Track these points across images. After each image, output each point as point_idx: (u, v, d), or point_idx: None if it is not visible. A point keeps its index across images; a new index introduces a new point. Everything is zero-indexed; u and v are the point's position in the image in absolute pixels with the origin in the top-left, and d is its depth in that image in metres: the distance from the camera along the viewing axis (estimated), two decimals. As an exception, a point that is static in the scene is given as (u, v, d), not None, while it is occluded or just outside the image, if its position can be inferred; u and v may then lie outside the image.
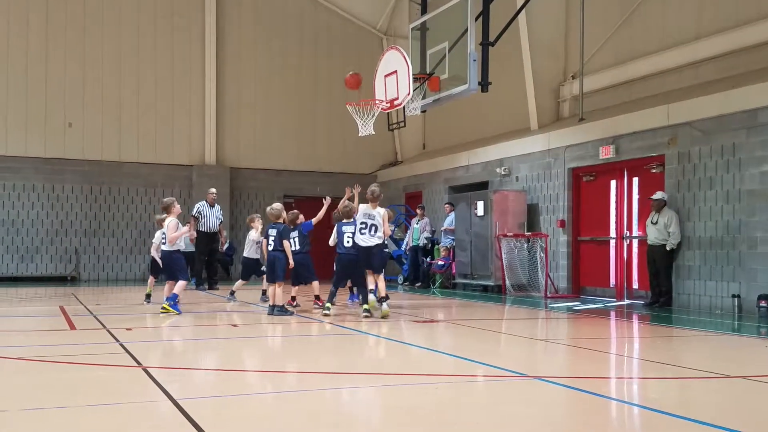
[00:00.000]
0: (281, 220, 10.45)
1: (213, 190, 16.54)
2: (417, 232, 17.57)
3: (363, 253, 10.20)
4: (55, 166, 19.19)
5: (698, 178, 11.93)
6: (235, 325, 9.30)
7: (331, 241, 10.70)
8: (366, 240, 10.18)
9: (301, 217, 11.70)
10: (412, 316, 10.81)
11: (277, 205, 10.59)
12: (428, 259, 17.45)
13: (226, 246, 19.78)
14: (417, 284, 17.33)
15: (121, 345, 7.22)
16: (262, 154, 21.31)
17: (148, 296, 11.77)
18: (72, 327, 8.83)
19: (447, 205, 17.41)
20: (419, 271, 17.53)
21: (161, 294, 11.47)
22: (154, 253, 11.76)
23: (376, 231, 10.13)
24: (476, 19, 11.41)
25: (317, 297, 11.36)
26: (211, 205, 16.06)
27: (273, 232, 10.34)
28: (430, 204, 19.43)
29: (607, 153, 13.66)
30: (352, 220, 10.36)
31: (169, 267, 10.46)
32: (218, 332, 8.89)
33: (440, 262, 17.07)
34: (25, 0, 18.96)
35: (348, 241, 10.19)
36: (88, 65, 19.50)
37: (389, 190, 21.87)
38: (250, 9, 21.14)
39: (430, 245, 17.64)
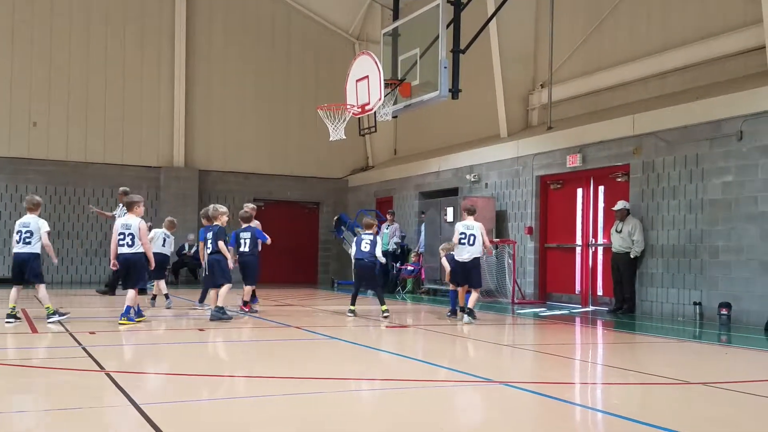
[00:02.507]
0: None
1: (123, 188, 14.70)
2: (387, 237, 17.59)
3: (460, 267, 10.64)
4: (19, 165, 18.85)
5: (662, 188, 12.15)
6: (201, 330, 9.22)
7: (352, 252, 11.32)
8: (465, 252, 10.45)
9: (257, 222, 11.69)
10: (380, 321, 10.82)
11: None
12: (398, 265, 17.48)
13: (194, 249, 19.64)
14: (384, 288, 17.35)
15: (84, 349, 7.12)
16: (232, 156, 21.18)
17: (154, 297, 11.91)
18: (34, 330, 8.68)
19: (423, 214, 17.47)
20: (389, 277, 17.55)
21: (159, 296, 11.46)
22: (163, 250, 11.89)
23: (474, 241, 10.43)
24: (447, 26, 11.49)
25: (245, 303, 11.16)
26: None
27: (210, 234, 10.23)
28: (401, 209, 19.48)
29: (573, 161, 13.84)
30: (370, 232, 11.05)
31: (131, 272, 9.27)
32: (183, 336, 8.80)
33: (410, 268, 17.12)
34: (-9, -4, 18.65)
35: (365, 247, 10.86)
36: (54, 64, 19.21)
37: (360, 195, 21.90)
38: (221, 11, 21.03)
39: (399, 250, 17.68)
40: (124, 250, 9.25)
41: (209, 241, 10.19)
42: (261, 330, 9.43)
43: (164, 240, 12.07)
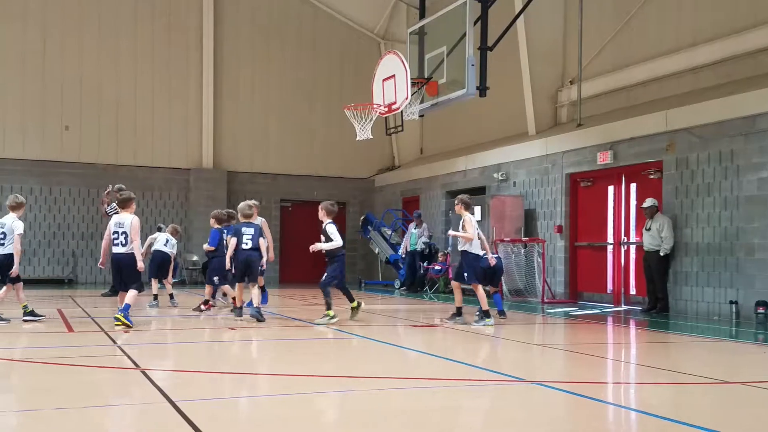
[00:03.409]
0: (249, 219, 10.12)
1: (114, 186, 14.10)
2: (415, 237, 17.57)
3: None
4: (52, 168, 19.15)
5: (696, 185, 11.95)
6: (232, 328, 9.27)
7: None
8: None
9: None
10: (408, 320, 10.80)
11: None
12: (425, 264, 17.44)
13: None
14: (403, 288, 17.43)
15: (119, 347, 7.20)
16: (260, 157, 21.30)
17: (155, 297, 11.86)
18: (70, 329, 8.79)
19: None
20: (416, 276, 17.53)
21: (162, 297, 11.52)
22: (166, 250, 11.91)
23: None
24: (475, 23, 11.44)
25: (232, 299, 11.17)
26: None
27: (250, 230, 9.97)
28: (427, 209, 19.43)
29: (604, 159, 13.68)
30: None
31: (125, 272, 8.84)
32: (215, 335, 8.86)
33: (437, 267, 17.06)
34: (23, 5, 18.95)
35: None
36: (85, 68, 19.49)
37: (386, 195, 21.89)
38: (248, 12, 21.16)
39: (427, 250, 17.64)
40: (118, 249, 8.77)
41: (247, 237, 9.94)
42: (290, 329, 9.45)
43: (167, 240, 12.11)
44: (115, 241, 8.80)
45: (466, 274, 9.94)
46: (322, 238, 9.92)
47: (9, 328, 8.88)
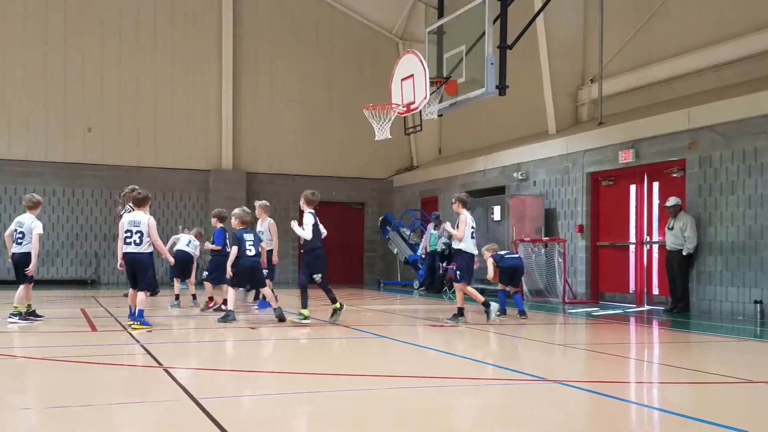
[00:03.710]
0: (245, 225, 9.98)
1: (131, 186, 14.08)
2: (434, 238, 17.53)
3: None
4: (75, 170, 19.35)
5: (720, 183, 11.81)
6: (252, 328, 9.31)
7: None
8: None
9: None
10: (427, 320, 10.78)
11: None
12: (444, 264, 17.38)
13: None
14: (422, 288, 17.41)
15: (142, 346, 7.26)
16: (278, 159, 21.38)
17: (177, 297, 11.94)
18: (93, 329, 8.88)
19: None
20: (435, 276, 17.48)
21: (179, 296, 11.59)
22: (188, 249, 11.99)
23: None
24: (494, 22, 11.39)
25: (211, 298, 11.27)
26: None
27: (250, 236, 9.85)
28: (446, 209, 19.36)
29: (626, 157, 13.56)
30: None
31: (138, 273, 8.67)
32: (237, 334, 8.90)
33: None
34: (44, 7, 19.17)
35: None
36: (105, 71, 19.68)
37: (405, 195, 21.87)
38: (266, 14, 21.25)
39: (447, 251, 17.58)
40: (131, 248, 8.58)
41: (249, 243, 9.74)
42: (311, 328, 9.47)
43: (189, 241, 12.18)
44: (128, 240, 8.58)
45: (458, 273, 9.87)
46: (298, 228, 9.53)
47: (33, 327, 8.99)
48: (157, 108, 20.16)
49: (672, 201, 12.19)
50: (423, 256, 17.94)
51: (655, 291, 13.49)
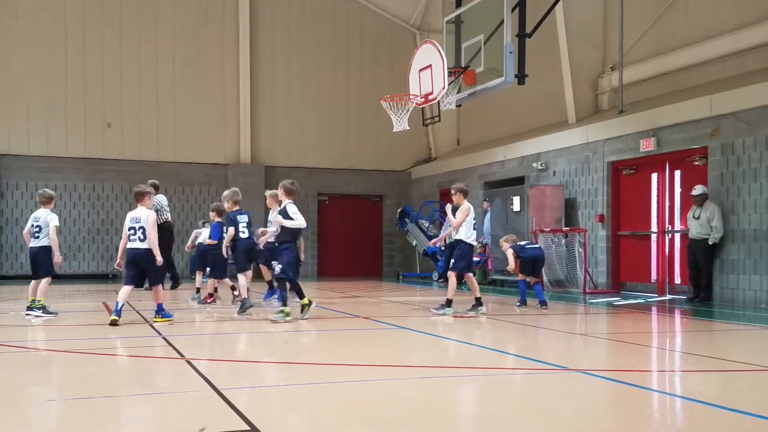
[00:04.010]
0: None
1: (151, 181, 14.02)
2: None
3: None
4: (95, 166, 19.52)
5: (742, 170, 11.65)
6: (273, 320, 9.34)
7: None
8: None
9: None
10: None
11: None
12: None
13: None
14: (441, 279, 17.28)
15: (164, 338, 7.31)
16: (296, 152, 21.41)
17: (198, 290, 11.97)
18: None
19: (484, 203, 17.22)
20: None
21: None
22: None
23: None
24: (512, 10, 11.29)
25: (211, 295, 11.12)
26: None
27: (244, 218, 9.78)
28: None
29: (647, 146, 13.42)
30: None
31: (148, 269, 8.60)
32: (257, 326, 8.94)
33: (476, 259, 16.92)
34: (63, 3, 19.31)
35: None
36: (125, 67, 19.79)
37: (423, 187, 21.82)
38: (283, 7, 21.25)
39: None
40: (136, 244, 8.45)
41: (241, 226, 9.75)
42: (330, 321, 9.49)
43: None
44: (132, 237, 8.47)
45: (453, 261, 9.75)
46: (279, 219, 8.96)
47: (56, 320, 9.08)
48: (176, 103, 20.25)
49: (699, 189, 12.04)
50: (442, 247, 17.89)
51: (677, 280, 13.36)
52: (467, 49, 12.25)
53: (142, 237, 8.46)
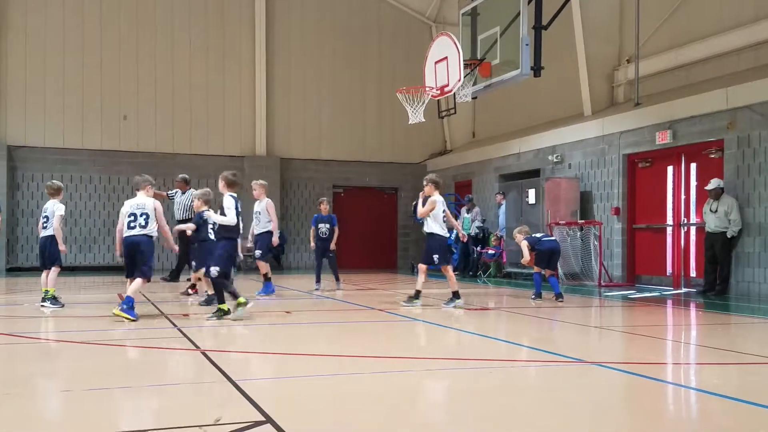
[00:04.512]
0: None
1: (182, 175, 14.06)
2: (468, 221, 17.46)
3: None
4: (111, 158, 19.64)
5: (759, 163, 11.55)
6: (288, 312, 9.39)
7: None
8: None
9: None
10: (463, 304, 10.73)
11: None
12: (479, 248, 17.33)
13: (276, 236, 19.98)
14: (470, 273, 17.27)
15: (179, 330, 7.37)
16: (312, 144, 21.45)
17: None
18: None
19: (498, 195, 17.18)
20: (469, 261, 17.43)
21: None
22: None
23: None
24: (529, 2, 11.23)
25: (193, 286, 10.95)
26: (183, 192, 13.81)
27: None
28: (480, 193, 19.27)
29: (663, 138, 13.32)
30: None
31: (139, 257, 8.33)
32: (272, 318, 8.99)
33: (490, 251, 16.93)
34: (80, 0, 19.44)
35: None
36: (141, 59, 19.90)
37: (438, 179, 21.75)
38: (299, 1, 21.25)
39: (481, 234, 17.52)
40: (135, 231, 8.20)
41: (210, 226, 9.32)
42: (345, 312, 9.52)
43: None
44: (132, 224, 8.20)
45: (436, 257, 9.65)
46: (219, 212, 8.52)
47: (70, 312, 9.17)
48: (192, 95, 20.34)
49: (713, 183, 11.94)
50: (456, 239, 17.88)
51: (693, 273, 13.28)
52: (483, 41, 12.21)
53: (144, 223, 8.25)
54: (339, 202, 21.77)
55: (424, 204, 9.91)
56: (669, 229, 13.84)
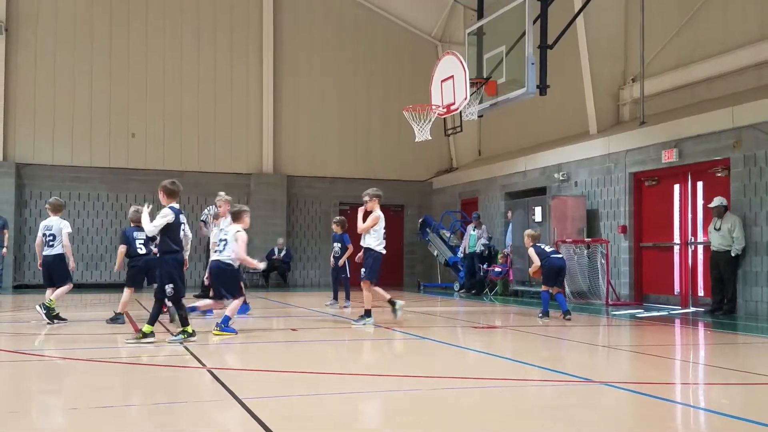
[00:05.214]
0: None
1: (222, 193, 13.77)
2: (474, 239, 17.45)
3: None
4: (120, 175, 19.75)
5: (765, 182, 11.53)
6: (294, 329, 9.38)
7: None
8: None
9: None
10: (468, 322, 10.73)
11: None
12: (485, 266, 17.30)
13: (283, 253, 20.06)
14: (472, 291, 17.22)
15: (185, 348, 7.36)
16: (318, 161, 21.53)
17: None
18: (137, 330, 9.01)
19: (509, 213, 17.15)
20: (476, 279, 17.40)
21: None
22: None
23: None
24: (534, 22, 11.30)
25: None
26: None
27: (142, 234, 9.42)
28: (486, 210, 19.28)
29: (669, 157, 13.33)
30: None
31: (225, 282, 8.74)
32: (278, 336, 8.99)
33: (497, 269, 16.90)
34: (89, 15, 19.64)
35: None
36: (149, 78, 20.06)
37: (444, 197, 21.82)
38: (306, 18, 21.44)
39: (487, 252, 17.50)
40: (216, 256, 8.64)
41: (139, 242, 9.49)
42: (352, 330, 9.50)
43: None
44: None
45: (363, 270, 9.57)
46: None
47: (77, 329, 9.18)
48: (200, 113, 20.48)
49: (716, 201, 11.93)
50: (462, 257, 17.86)
51: (701, 293, 13.22)
52: (489, 60, 12.27)
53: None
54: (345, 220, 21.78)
55: (365, 219, 9.82)
56: (676, 248, 13.80)
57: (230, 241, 8.60)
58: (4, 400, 4.91)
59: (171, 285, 7.70)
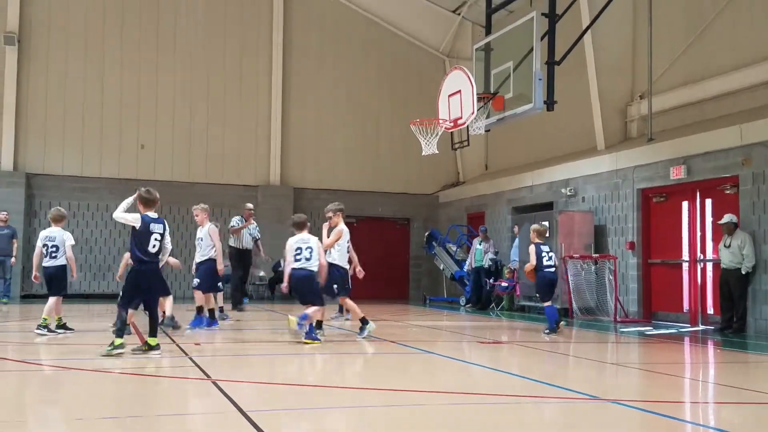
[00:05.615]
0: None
1: (249, 205, 14.92)
2: (480, 253, 17.40)
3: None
4: (128, 186, 19.74)
5: (775, 199, 11.48)
6: (306, 343, 9.36)
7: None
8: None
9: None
10: (474, 336, 10.68)
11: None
12: (491, 281, 17.25)
13: (273, 263, 20.02)
14: (478, 306, 17.16)
15: (191, 359, 7.36)
16: (325, 174, 21.56)
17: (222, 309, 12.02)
18: (142, 341, 9.01)
19: (515, 228, 17.11)
20: (482, 293, 17.34)
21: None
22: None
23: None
24: (542, 38, 11.33)
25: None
26: (247, 221, 14.52)
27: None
28: (493, 225, 19.25)
29: (678, 173, 13.29)
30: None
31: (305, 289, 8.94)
32: (283, 348, 8.96)
33: (504, 284, 16.85)
34: (100, 28, 19.79)
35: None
36: (160, 89, 20.18)
37: (451, 211, 21.80)
38: (315, 33, 21.55)
39: (493, 267, 17.45)
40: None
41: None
42: (356, 344, 9.47)
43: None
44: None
45: (335, 286, 9.52)
46: None
47: (82, 340, 9.18)
48: (209, 125, 20.57)
49: (726, 218, 11.88)
50: (469, 272, 17.80)
51: (710, 310, 13.13)
52: (496, 75, 12.31)
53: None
54: (352, 232, 21.70)
55: (329, 234, 9.78)
56: (685, 265, 13.73)
57: (314, 248, 8.91)
58: (10, 410, 4.91)
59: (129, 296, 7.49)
